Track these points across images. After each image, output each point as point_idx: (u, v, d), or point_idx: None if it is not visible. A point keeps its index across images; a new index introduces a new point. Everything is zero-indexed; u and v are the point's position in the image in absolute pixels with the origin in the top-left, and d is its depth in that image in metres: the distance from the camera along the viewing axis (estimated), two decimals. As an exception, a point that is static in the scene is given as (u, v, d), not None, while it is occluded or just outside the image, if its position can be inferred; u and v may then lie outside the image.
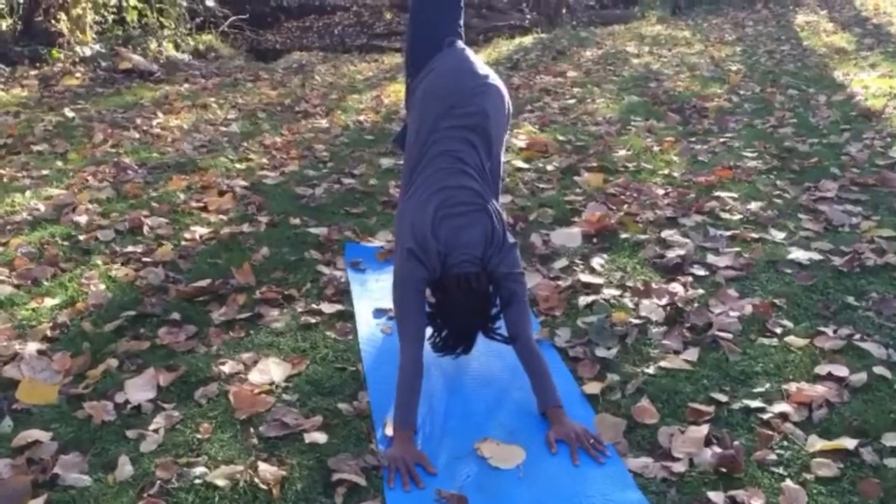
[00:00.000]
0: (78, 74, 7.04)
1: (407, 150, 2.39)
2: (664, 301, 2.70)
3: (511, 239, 2.23)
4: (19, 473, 1.91)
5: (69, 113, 5.69)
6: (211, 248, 3.28)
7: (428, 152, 2.26)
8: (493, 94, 2.35)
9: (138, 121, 5.52)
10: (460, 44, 2.49)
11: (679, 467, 1.92)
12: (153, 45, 8.14)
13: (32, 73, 7.05)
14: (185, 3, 9.02)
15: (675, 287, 2.80)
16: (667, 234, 3.27)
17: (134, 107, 6.04)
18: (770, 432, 2.03)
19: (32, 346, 2.49)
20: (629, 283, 2.87)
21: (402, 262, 2.18)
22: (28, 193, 3.93)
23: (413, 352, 2.11)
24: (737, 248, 3.11)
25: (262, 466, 1.92)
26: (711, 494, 1.82)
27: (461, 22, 2.57)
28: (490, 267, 2.16)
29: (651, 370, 2.34)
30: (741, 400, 2.18)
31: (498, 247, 2.17)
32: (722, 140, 4.64)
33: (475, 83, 2.35)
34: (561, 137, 4.80)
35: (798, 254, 3.03)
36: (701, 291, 2.78)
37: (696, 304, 2.68)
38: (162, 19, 8.75)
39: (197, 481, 1.89)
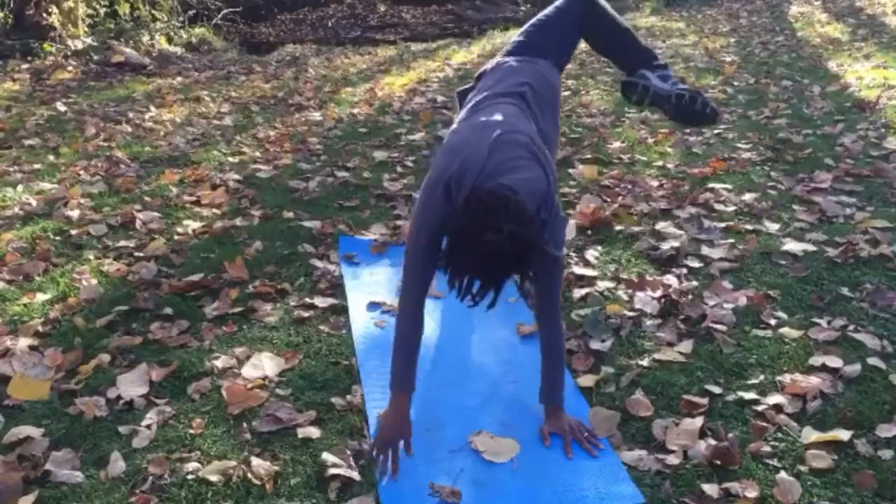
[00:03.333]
0: (70, 68, 7.01)
1: (473, 95, 2.31)
2: (658, 293, 2.69)
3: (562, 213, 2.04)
4: (10, 470, 1.90)
5: (61, 107, 5.67)
6: (203, 243, 3.27)
7: (500, 95, 2.18)
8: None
9: (130, 115, 5.50)
10: (559, 77, 2.47)
11: (673, 460, 1.92)
12: (145, 38, 8.10)
13: (24, 66, 7.02)
14: (177, -4, 8.97)
15: (670, 279, 2.80)
16: (661, 226, 3.27)
17: (126, 100, 6.02)
18: (764, 424, 2.03)
19: (24, 342, 2.48)
20: (623, 276, 2.86)
21: (429, 194, 1.92)
22: (19, 188, 3.91)
23: (413, 308, 1.99)
24: (731, 240, 3.11)
25: (256, 461, 1.92)
26: (706, 487, 1.82)
27: (568, 59, 2.58)
28: (541, 241, 1.79)
29: (645, 362, 2.34)
30: (735, 392, 2.18)
31: (550, 209, 1.86)
32: (716, 131, 4.63)
33: (553, 107, 2.35)
34: (555, 129, 4.78)
35: (792, 245, 3.03)
36: (695, 283, 2.77)
37: (690, 296, 2.67)
38: (154, 12, 8.71)
39: (189, 477, 1.88)
